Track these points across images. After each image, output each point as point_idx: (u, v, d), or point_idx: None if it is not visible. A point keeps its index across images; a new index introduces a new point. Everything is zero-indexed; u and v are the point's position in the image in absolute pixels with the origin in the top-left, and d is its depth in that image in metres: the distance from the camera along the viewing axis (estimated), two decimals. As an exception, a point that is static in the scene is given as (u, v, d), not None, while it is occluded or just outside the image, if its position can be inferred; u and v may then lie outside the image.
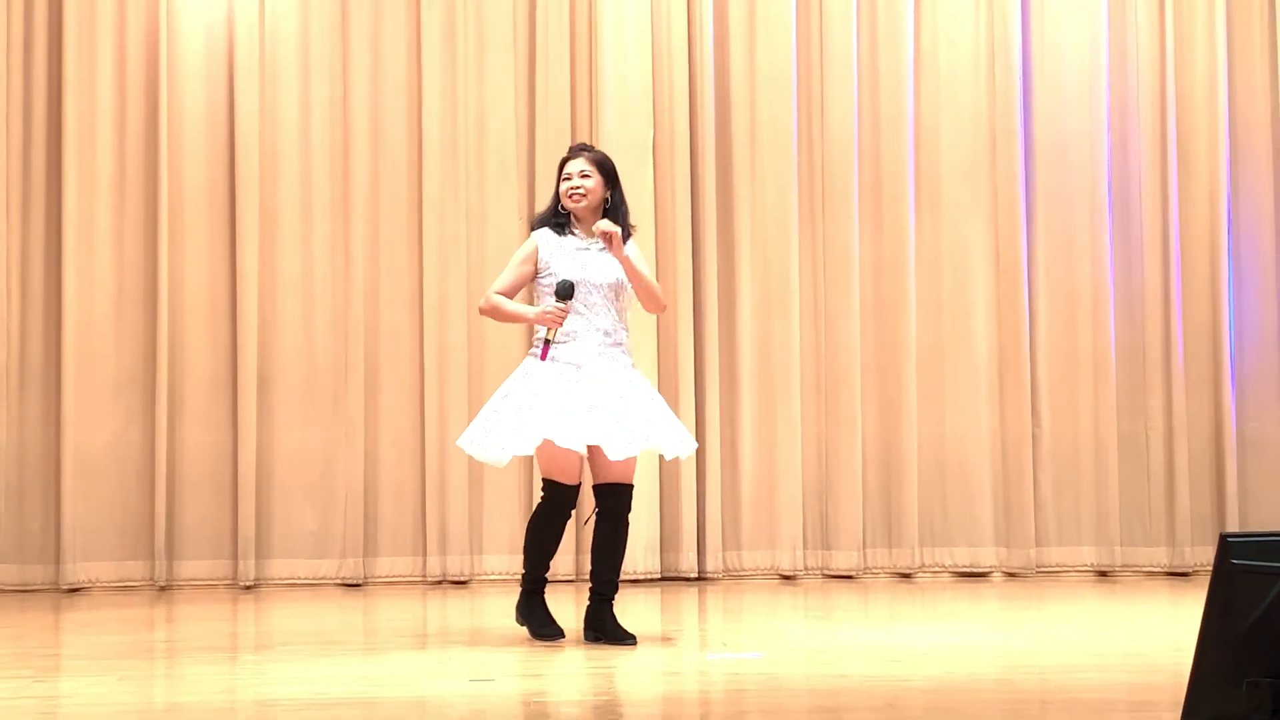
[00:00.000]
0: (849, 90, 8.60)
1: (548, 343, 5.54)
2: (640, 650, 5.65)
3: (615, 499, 5.64)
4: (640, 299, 5.75)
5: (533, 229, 5.84)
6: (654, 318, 8.33)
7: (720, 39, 8.59)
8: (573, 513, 5.77)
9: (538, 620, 5.81)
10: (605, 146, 8.32)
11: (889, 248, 8.61)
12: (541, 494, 5.73)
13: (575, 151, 5.76)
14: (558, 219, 5.73)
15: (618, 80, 8.43)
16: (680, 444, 5.69)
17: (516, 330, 8.00)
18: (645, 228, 8.36)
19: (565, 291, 5.55)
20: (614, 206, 5.69)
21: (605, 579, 5.70)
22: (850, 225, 8.56)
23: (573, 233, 5.72)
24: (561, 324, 5.52)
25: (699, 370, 8.44)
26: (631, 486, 5.71)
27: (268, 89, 8.43)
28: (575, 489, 5.68)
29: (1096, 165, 8.64)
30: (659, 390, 8.24)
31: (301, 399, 8.36)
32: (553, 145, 8.42)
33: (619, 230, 5.60)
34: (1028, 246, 8.60)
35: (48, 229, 8.29)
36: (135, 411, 8.26)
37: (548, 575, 5.84)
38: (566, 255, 5.70)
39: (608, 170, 5.72)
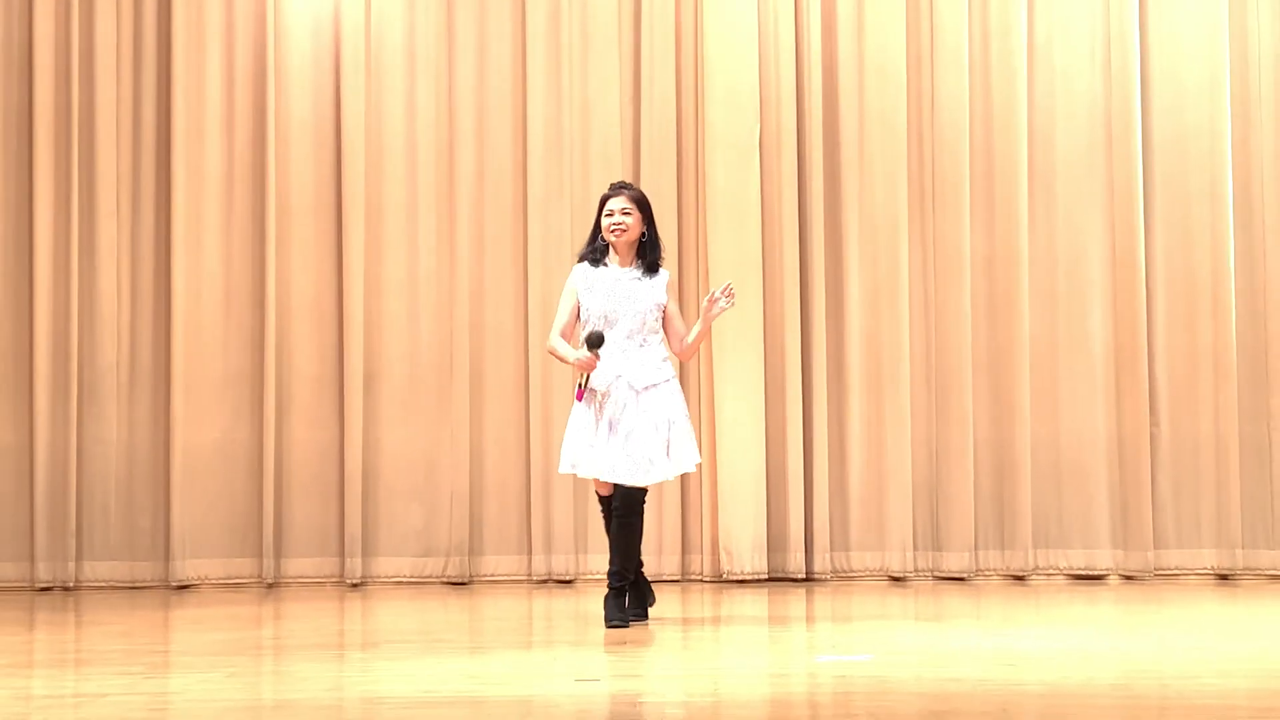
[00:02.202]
0: (960, 82, 8.52)
1: (581, 388, 6.21)
2: (748, 652, 5.64)
3: (617, 500, 6.30)
4: (678, 347, 6.42)
5: (579, 258, 6.49)
6: (760, 315, 8.32)
7: (828, 31, 8.55)
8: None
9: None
10: (711, 142, 8.34)
11: (1001, 242, 8.53)
12: None
13: (616, 190, 6.38)
14: (595, 253, 6.39)
15: (724, 75, 8.42)
16: (656, 472, 6.24)
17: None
18: (751, 224, 8.36)
19: (595, 341, 6.21)
20: (650, 241, 6.34)
21: (610, 569, 6.31)
22: (961, 219, 8.49)
23: (605, 264, 6.37)
24: (593, 369, 6.19)
25: (806, 367, 8.41)
26: (632, 489, 6.24)
27: (373, 87, 8.52)
28: (607, 499, 6.39)
29: (1217, 158, 8.49)
30: (765, 386, 8.22)
31: (406, 397, 8.44)
32: (658, 142, 8.44)
33: (724, 307, 6.29)
34: (1145, 241, 8.47)
35: (157, 227, 8.44)
36: (243, 409, 8.39)
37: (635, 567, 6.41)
38: (602, 285, 6.33)
39: (645, 208, 6.37)
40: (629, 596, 6.35)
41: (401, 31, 8.56)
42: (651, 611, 6.50)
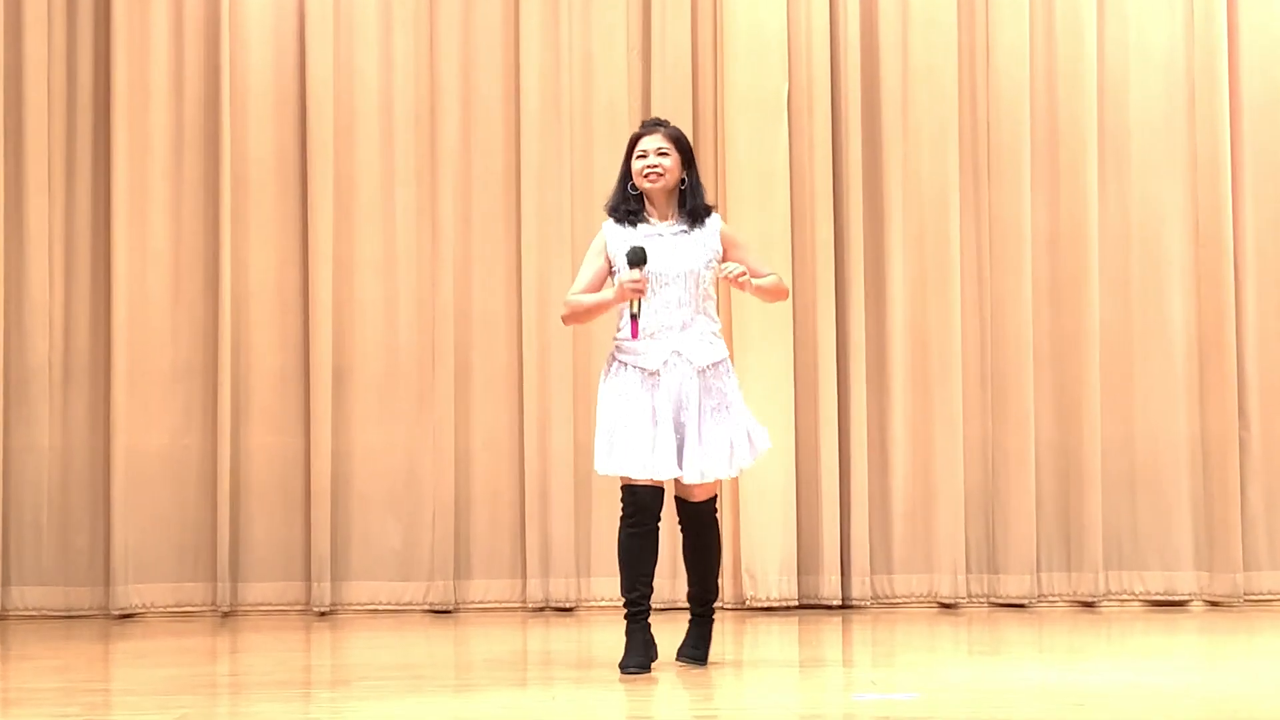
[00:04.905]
0: (1020, 32, 8.51)
1: (634, 318, 5.88)
2: (775, 690, 5.63)
3: (685, 514, 6.10)
4: (763, 300, 6.18)
5: (607, 211, 6.17)
6: (789, 301, 8.29)
7: (867, -26, 8.55)
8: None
9: (626, 649, 6.00)
10: (733, 101, 8.33)
11: (1067, 217, 8.52)
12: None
13: (650, 127, 6.09)
14: (625, 205, 6.06)
15: (747, 23, 8.40)
16: (715, 467, 5.99)
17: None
18: (779, 195, 8.34)
19: (637, 258, 5.87)
20: (691, 188, 6.05)
21: (690, 594, 6.22)
22: (1021, 191, 8.48)
23: (645, 220, 6.06)
24: (644, 293, 5.88)
25: (842, 361, 8.40)
26: (701, 502, 6.06)
27: (343, 38, 8.52)
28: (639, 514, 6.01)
29: (1316, 121, 8.51)
30: (795, 383, 8.22)
31: (383, 395, 8.44)
32: (671, 101, 8.43)
33: (745, 273, 5.94)
34: (1233, 217, 8.47)
35: (95, 200, 8.44)
36: (195, 410, 8.40)
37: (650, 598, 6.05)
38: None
39: (685, 148, 6.08)
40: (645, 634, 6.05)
41: (376, -24, 8.56)
42: (661, 644, 6.45)
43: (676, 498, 6.04)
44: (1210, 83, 8.47)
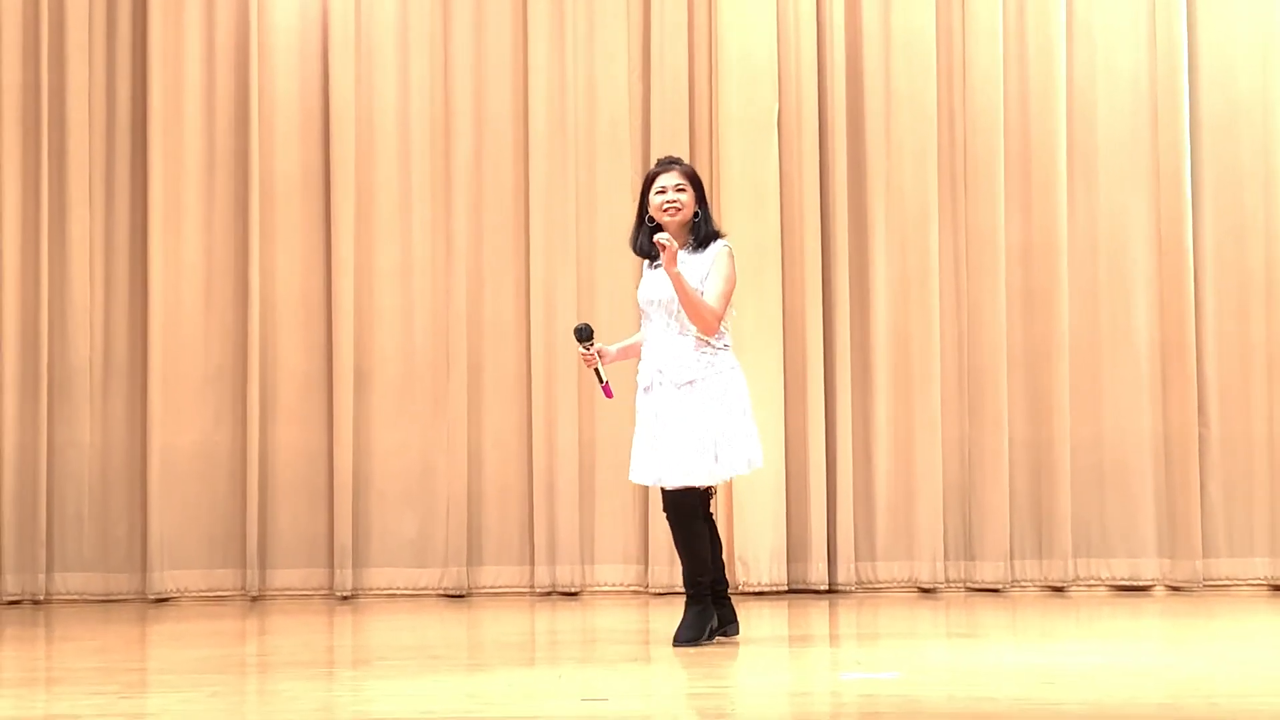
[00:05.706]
0: (994, 56, 8.53)
1: (601, 382, 6.14)
2: (766, 669, 5.66)
3: (665, 504, 6.13)
4: (680, 301, 6.05)
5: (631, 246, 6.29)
6: (779, 307, 8.32)
7: (852, 1, 8.55)
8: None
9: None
10: (726, 120, 8.36)
11: (1038, 229, 8.53)
12: None
13: (666, 165, 6.12)
14: (646, 240, 6.11)
15: (739, 48, 8.42)
16: (681, 474, 6.00)
17: (628, 320, 8.02)
18: (770, 208, 8.37)
19: (580, 335, 6.11)
20: (702, 220, 6.09)
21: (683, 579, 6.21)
22: (995, 204, 8.49)
23: (657, 259, 6.09)
24: (593, 364, 6.12)
25: (829, 363, 8.42)
26: (672, 491, 6.04)
27: (364, 63, 8.54)
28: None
29: (1271, 137, 8.50)
30: (784, 383, 8.23)
31: (400, 396, 8.47)
32: (669, 121, 8.45)
33: (675, 247, 5.95)
34: (1193, 227, 8.48)
35: (133, 215, 8.47)
36: (225, 410, 8.42)
37: (707, 580, 6.17)
38: (646, 276, 6.16)
39: (699, 184, 6.13)
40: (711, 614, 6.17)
41: (394, 2, 8.57)
42: (660, 627, 6.50)
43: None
44: (1172, 101, 8.49)
